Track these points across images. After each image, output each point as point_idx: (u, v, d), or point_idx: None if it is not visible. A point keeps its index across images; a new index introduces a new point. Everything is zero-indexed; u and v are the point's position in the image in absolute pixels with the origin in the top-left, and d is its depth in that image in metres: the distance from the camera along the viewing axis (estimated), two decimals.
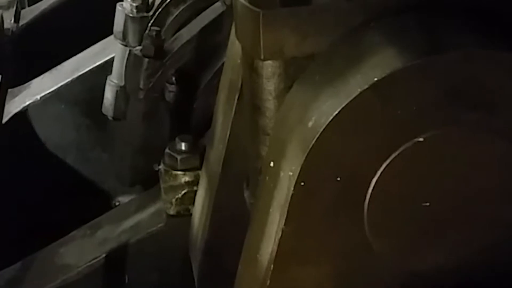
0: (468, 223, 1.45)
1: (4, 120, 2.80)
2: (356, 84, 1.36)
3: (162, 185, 2.33)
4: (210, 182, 2.06)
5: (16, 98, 2.89)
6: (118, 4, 2.45)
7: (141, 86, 2.38)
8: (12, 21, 3.50)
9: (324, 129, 1.35)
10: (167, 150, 2.32)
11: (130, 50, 2.37)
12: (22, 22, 3.58)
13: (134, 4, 2.38)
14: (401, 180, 1.39)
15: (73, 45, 2.97)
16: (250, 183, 1.71)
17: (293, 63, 1.50)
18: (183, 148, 2.30)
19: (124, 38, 2.40)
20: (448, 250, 1.47)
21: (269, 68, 1.51)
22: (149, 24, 2.36)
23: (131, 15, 2.39)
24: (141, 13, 2.38)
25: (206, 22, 2.45)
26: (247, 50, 1.54)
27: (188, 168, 2.28)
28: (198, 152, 2.28)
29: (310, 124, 1.39)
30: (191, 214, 2.25)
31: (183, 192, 2.28)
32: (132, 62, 2.38)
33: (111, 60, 2.64)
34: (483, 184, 1.42)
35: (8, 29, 3.39)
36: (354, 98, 1.34)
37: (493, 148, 1.39)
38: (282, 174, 1.43)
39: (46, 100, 2.84)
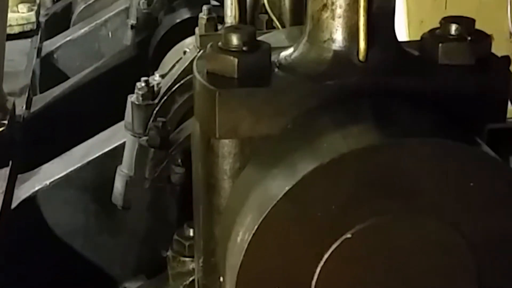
0: None
1: (13, 205, 2.82)
2: (277, 189, 1.35)
3: (170, 272, 2.32)
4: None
5: (26, 184, 2.92)
6: (129, 96, 2.49)
7: (146, 176, 2.40)
8: (24, 107, 3.56)
9: (247, 247, 1.34)
10: (175, 237, 2.32)
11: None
12: (33, 108, 3.64)
13: (140, 92, 2.43)
14: (340, 277, 1.38)
15: (82, 132, 3.01)
16: (204, 264, 1.70)
17: (250, 144, 1.49)
18: (191, 234, 2.30)
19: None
20: None
21: (225, 147, 1.50)
22: (154, 112, 2.40)
23: (136, 102, 2.43)
24: (147, 101, 2.43)
25: None
26: (203, 128, 1.53)
27: None
28: None
29: (238, 239, 1.38)
30: None
31: (191, 279, 2.27)
32: (138, 152, 2.40)
33: (120, 147, 2.68)
34: (422, 266, 1.40)
35: (20, 115, 3.44)
36: (269, 212, 1.33)
37: (424, 230, 1.38)
38: (222, 280, 1.44)
39: (55, 185, 2.87)
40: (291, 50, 1.59)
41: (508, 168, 1.40)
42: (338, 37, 1.52)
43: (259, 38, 1.54)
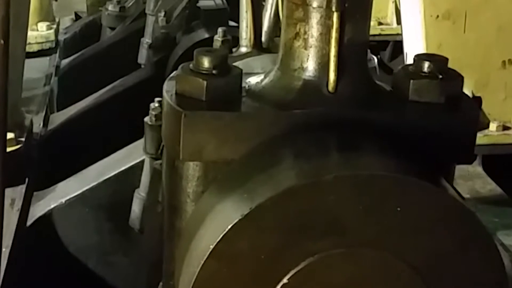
0: None
1: (29, 223, 2.82)
2: (219, 227, 1.34)
3: None
4: None
5: (41, 201, 2.92)
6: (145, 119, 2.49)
7: (159, 199, 2.39)
8: (41, 125, 3.57)
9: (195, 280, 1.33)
10: None
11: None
12: (50, 126, 3.65)
13: (153, 113, 2.43)
14: None
15: (98, 150, 3.02)
16: (164, 287, 1.67)
17: (214, 168, 1.47)
18: None
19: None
20: None
21: (189, 170, 1.49)
22: None
23: (149, 123, 2.43)
24: (160, 121, 2.42)
25: None
26: (169, 149, 1.53)
27: None
28: None
29: (190, 268, 1.37)
30: None
31: None
32: (152, 175, 2.40)
33: (136, 166, 2.68)
34: None
35: (37, 133, 3.45)
36: (210, 254, 1.32)
37: (361, 263, 1.37)
38: None
39: (71, 203, 2.87)
40: (262, 76, 1.59)
41: (439, 190, 1.39)
42: (308, 66, 1.52)
43: (245, 60, 1.53)
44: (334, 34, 1.47)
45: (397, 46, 4.84)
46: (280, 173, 1.38)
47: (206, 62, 1.48)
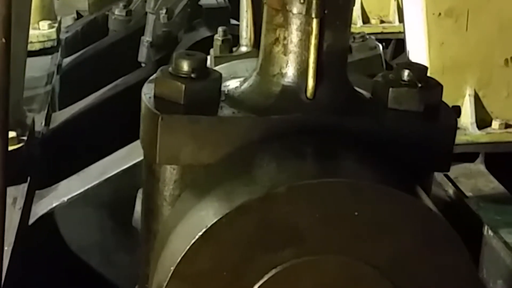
0: None
1: (31, 221, 2.82)
2: (188, 236, 1.33)
3: None
4: None
5: (43, 200, 2.92)
6: None
7: None
8: (43, 124, 3.57)
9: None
10: None
11: None
12: (52, 125, 3.65)
13: None
14: None
15: (100, 149, 3.02)
16: None
17: (191, 171, 1.47)
18: None
19: None
20: None
21: (166, 173, 1.49)
22: None
23: None
24: None
25: None
26: (146, 152, 1.53)
27: None
28: None
29: (159, 275, 1.37)
30: None
31: None
32: None
33: (138, 165, 2.68)
34: None
35: (39, 131, 3.45)
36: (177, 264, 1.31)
37: (328, 269, 1.37)
38: None
39: (73, 202, 2.87)
40: (242, 80, 1.58)
41: (396, 192, 1.38)
42: (287, 72, 1.52)
43: (230, 63, 1.53)
44: (313, 40, 1.47)
45: (399, 44, 4.83)
46: (238, 187, 1.37)
47: (185, 66, 1.48)
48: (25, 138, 3.10)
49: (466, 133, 2.98)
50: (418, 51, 2.92)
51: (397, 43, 5.09)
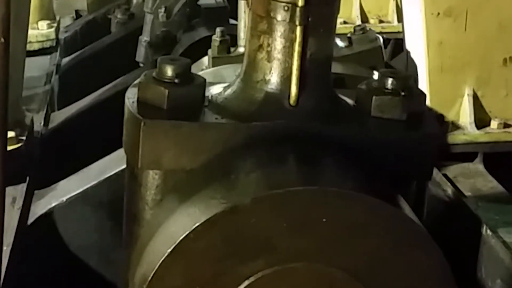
0: None
1: (30, 221, 2.82)
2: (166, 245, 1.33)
3: None
4: None
5: (42, 200, 2.92)
6: None
7: None
8: (42, 123, 3.57)
9: None
10: None
11: None
12: (51, 125, 3.65)
13: None
14: None
15: (99, 148, 3.01)
16: None
17: (173, 176, 1.47)
18: None
19: None
20: None
21: (148, 178, 1.49)
22: None
23: None
24: None
25: None
26: (128, 156, 1.53)
27: None
28: None
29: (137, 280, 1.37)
30: None
31: None
32: None
33: None
34: None
35: (38, 131, 3.45)
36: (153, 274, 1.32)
37: (301, 277, 1.37)
38: None
39: (72, 202, 2.86)
40: (225, 86, 1.58)
41: (363, 197, 1.39)
42: (271, 79, 1.52)
43: (217, 68, 1.53)
44: (297, 47, 1.48)
45: (398, 44, 4.83)
46: (211, 199, 1.37)
47: (169, 71, 1.48)
48: (24, 138, 3.10)
49: (465, 132, 2.98)
50: (416, 50, 2.91)
51: (396, 43, 5.08)
